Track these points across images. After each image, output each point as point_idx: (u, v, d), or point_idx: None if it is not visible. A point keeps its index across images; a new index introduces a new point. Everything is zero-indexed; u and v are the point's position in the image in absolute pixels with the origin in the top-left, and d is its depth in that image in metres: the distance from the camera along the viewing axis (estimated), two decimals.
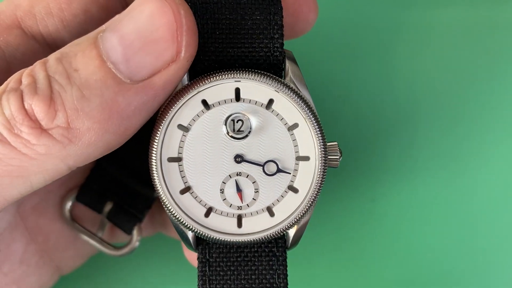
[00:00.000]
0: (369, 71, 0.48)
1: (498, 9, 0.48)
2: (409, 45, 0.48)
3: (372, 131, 0.47)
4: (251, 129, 0.34)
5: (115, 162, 0.42)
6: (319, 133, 0.33)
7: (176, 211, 0.34)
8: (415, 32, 0.48)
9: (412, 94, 0.47)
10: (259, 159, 0.34)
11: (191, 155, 0.34)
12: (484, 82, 0.47)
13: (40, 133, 0.30)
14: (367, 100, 0.47)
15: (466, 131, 0.47)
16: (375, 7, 0.48)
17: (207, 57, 0.34)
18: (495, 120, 0.47)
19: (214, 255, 0.35)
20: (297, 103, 0.33)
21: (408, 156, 0.47)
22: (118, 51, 0.30)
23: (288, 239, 0.35)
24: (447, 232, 0.46)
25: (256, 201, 0.34)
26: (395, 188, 0.46)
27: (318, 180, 0.34)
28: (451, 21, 0.48)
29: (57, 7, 0.37)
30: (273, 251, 0.35)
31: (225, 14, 0.33)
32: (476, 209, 0.46)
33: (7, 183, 0.31)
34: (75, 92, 0.30)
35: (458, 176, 0.46)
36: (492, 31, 0.48)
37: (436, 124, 0.47)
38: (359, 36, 0.48)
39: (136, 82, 0.31)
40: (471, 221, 0.46)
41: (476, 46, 0.47)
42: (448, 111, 0.47)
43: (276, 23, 0.34)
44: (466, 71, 0.47)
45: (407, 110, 0.47)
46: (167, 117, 0.33)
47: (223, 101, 0.34)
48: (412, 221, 0.46)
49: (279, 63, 0.34)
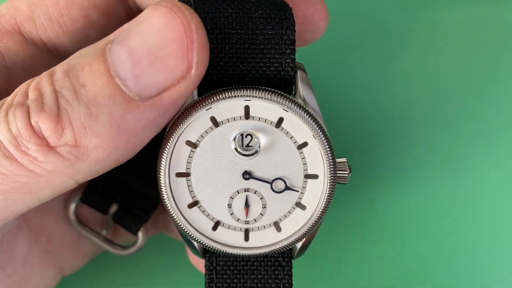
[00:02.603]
0: (369, 71, 0.48)
1: (498, 9, 0.48)
2: (409, 45, 0.48)
3: (372, 131, 0.47)
4: (260, 147, 0.34)
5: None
6: (329, 152, 0.33)
7: (184, 224, 0.34)
8: (415, 32, 0.48)
9: (412, 94, 0.47)
10: (267, 176, 0.34)
11: (199, 170, 0.34)
12: (484, 82, 0.47)
13: (48, 151, 0.30)
14: (367, 100, 0.47)
15: (466, 131, 0.47)
16: (375, 7, 0.48)
17: (216, 72, 0.33)
18: (496, 120, 0.47)
19: (221, 263, 0.36)
20: (307, 121, 0.33)
21: (408, 156, 0.47)
22: (126, 67, 0.30)
23: (295, 250, 0.36)
24: (447, 232, 0.46)
25: (263, 216, 0.35)
26: (395, 188, 0.47)
27: (326, 198, 0.34)
28: (451, 21, 0.48)
29: (57, 12, 0.37)
30: (279, 261, 0.36)
31: (235, 28, 0.33)
32: (475, 209, 0.46)
33: (15, 199, 0.31)
34: (82, 109, 0.30)
35: (458, 176, 0.47)
36: (492, 31, 0.48)
37: (435, 124, 0.47)
38: (359, 37, 0.48)
39: (145, 99, 0.30)
40: (471, 221, 0.46)
41: (476, 46, 0.47)
42: (448, 111, 0.47)
43: (288, 38, 0.33)
44: (466, 71, 0.47)
45: (406, 110, 0.47)
46: (176, 133, 0.33)
47: (232, 119, 0.33)
48: (412, 221, 0.46)
49: (290, 78, 0.34)
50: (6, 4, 0.37)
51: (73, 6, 0.37)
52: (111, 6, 0.38)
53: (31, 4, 0.37)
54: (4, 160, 0.30)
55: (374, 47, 0.48)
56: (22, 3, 0.37)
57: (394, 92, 0.47)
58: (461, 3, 0.48)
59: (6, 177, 0.30)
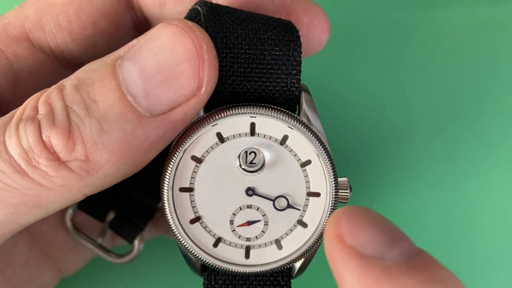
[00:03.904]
0: (369, 71, 0.48)
1: (499, 9, 0.48)
2: (409, 45, 0.48)
3: (372, 131, 0.47)
4: (264, 163, 0.34)
5: None
6: (331, 171, 0.34)
7: (185, 240, 0.34)
8: (415, 32, 0.48)
9: (412, 95, 0.48)
10: (270, 193, 0.34)
11: (203, 186, 0.34)
12: (484, 83, 0.48)
13: (58, 165, 0.30)
14: (367, 100, 0.48)
15: (466, 131, 0.47)
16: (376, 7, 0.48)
17: (223, 89, 0.34)
18: (495, 121, 0.47)
19: (219, 281, 0.36)
20: (311, 140, 0.34)
21: (408, 156, 0.47)
22: (138, 84, 0.30)
23: (294, 270, 0.36)
24: (446, 232, 0.47)
25: (265, 234, 0.35)
26: (395, 188, 0.47)
27: (327, 216, 0.34)
28: (452, 21, 0.48)
29: (66, 19, 0.37)
30: (278, 280, 0.36)
31: (245, 48, 0.33)
32: (475, 209, 0.47)
33: (24, 212, 0.31)
34: (94, 125, 0.30)
35: (458, 176, 0.47)
36: (493, 31, 0.48)
37: (436, 124, 0.47)
38: (359, 37, 0.48)
39: (155, 115, 0.31)
40: (470, 221, 0.47)
41: (477, 47, 0.48)
42: (448, 111, 0.48)
43: (295, 59, 0.34)
44: (466, 71, 0.48)
45: (407, 110, 0.48)
46: (182, 148, 0.33)
47: (238, 135, 0.34)
48: (411, 221, 0.47)
49: (295, 98, 0.34)
50: (14, 11, 0.37)
51: (82, 14, 0.37)
52: (119, 15, 0.38)
53: (40, 11, 0.37)
54: (15, 175, 0.30)
55: (374, 47, 0.48)
56: (31, 10, 0.37)
57: (395, 92, 0.48)
58: (462, 3, 0.48)
59: (16, 191, 0.30)
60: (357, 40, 0.48)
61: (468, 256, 0.47)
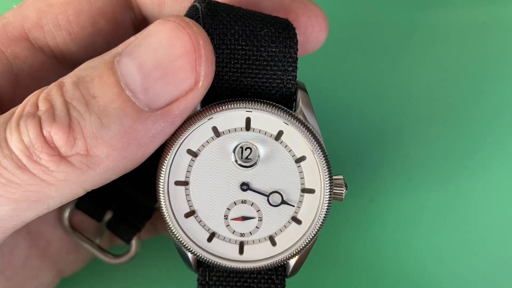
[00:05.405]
0: (369, 70, 0.48)
1: (499, 9, 0.48)
2: (409, 45, 0.48)
3: (373, 131, 0.48)
4: (259, 158, 0.34)
5: None
6: (326, 167, 0.34)
7: (179, 234, 0.35)
8: (415, 32, 0.48)
9: (412, 95, 0.48)
10: (264, 188, 0.35)
11: (198, 180, 0.35)
12: (484, 83, 0.48)
13: (59, 160, 0.31)
14: (367, 99, 0.48)
15: (465, 131, 0.47)
16: (376, 7, 0.48)
17: (220, 85, 0.34)
18: (495, 120, 0.48)
19: (214, 278, 0.36)
20: (306, 136, 0.34)
21: (408, 156, 0.47)
22: (137, 80, 0.31)
23: (288, 268, 0.36)
24: (446, 232, 0.47)
25: (259, 229, 0.35)
26: (395, 188, 0.47)
27: (322, 213, 0.34)
28: (452, 21, 0.48)
29: (65, 19, 0.37)
30: (272, 278, 0.36)
31: (241, 44, 0.34)
32: (475, 209, 0.47)
33: (25, 207, 0.32)
34: (94, 120, 0.31)
35: (458, 176, 0.47)
36: (493, 31, 0.48)
37: (436, 124, 0.47)
38: (359, 37, 0.48)
39: (154, 110, 0.31)
40: (470, 221, 0.47)
41: (477, 47, 0.48)
42: (448, 111, 0.48)
43: (291, 56, 0.34)
44: (466, 71, 0.48)
45: (407, 110, 0.48)
46: (178, 142, 0.34)
47: (233, 129, 0.34)
48: (411, 221, 0.47)
49: (291, 95, 0.35)
50: (13, 11, 0.38)
51: (81, 14, 0.37)
52: (118, 14, 0.38)
53: (39, 11, 0.37)
54: (16, 170, 0.31)
55: (374, 46, 0.48)
56: (30, 10, 0.37)
57: (395, 92, 0.48)
58: (461, 3, 0.48)
59: (18, 187, 0.31)
60: (355, 39, 0.49)
61: (468, 256, 0.47)
